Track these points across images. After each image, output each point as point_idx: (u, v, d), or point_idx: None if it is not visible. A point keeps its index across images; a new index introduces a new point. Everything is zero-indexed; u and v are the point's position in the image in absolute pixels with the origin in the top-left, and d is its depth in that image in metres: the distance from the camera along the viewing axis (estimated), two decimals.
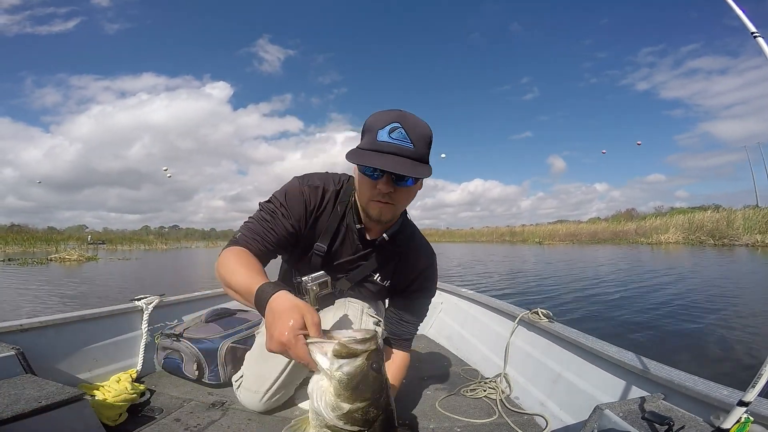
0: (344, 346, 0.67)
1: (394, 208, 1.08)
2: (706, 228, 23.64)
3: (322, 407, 0.67)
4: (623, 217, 40.37)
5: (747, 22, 0.83)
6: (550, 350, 1.65)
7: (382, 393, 0.70)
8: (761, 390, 0.73)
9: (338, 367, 0.66)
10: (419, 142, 0.98)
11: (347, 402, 0.66)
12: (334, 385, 0.66)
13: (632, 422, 0.92)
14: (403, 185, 1.02)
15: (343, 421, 0.67)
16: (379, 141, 0.96)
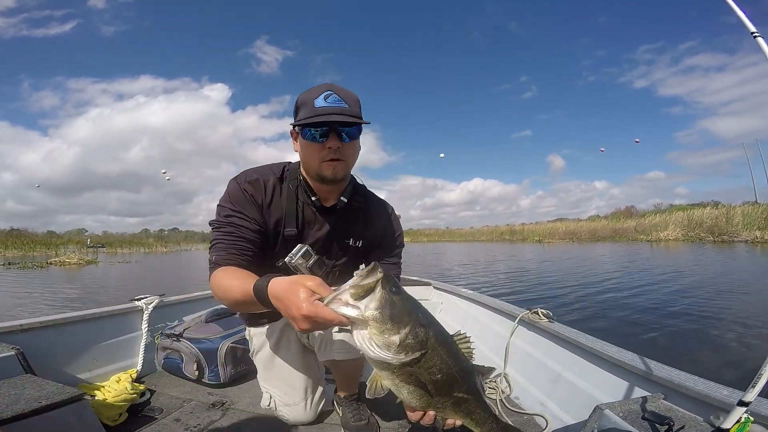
0: (357, 286, 0.67)
1: (345, 164, 1.15)
2: (706, 225, 23.63)
3: (378, 353, 0.67)
4: (623, 214, 40.36)
5: (747, 22, 0.83)
6: (550, 350, 1.65)
7: (417, 310, 0.70)
8: (761, 390, 0.73)
9: (365, 307, 0.66)
10: (351, 102, 1.12)
11: (393, 333, 0.66)
12: (373, 325, 0.66)
13: (632, 422, 0.92)
14: (348, 141, 1.12)
15: (402, 354, 0.67)
16: (317, 107, 1.08)
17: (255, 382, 1.80)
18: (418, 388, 0.74)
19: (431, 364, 0.71)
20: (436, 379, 0.73)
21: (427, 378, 0.73)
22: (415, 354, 0.68)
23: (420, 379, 0.72)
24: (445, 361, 0.73)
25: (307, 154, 1.15)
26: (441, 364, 0.73)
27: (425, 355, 0.70)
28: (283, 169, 1.26)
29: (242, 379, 1.83)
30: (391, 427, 1.44)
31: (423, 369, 0.71)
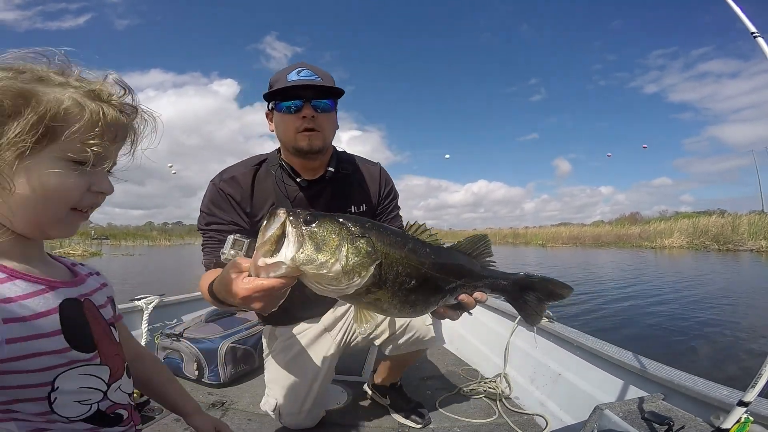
0: (264, 243, 0.58)
1: (321, 135, 1.13)
2: (711, 233, 23.39)
3: (335, 289, 0.60)
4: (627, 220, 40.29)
5: (747, 22, 0.83)
6: (550, 350, 1.65)
7: (345, 225, 0.61)
8: (761, 390, 0.73)
9: (286, 257, 0.57)
10: (324, 76, 1.14)
11: (332, 263, 0.58)
12: (308, 269, 0.57)
13: (632, 422, 0.92)
14: (323, 112, 1.12)
15: (357, 277, 0.59)
16: (290, 80, 1.10)
17: (255, 382, 1.80)
18: (404, 302, 0.67)
19: (396, 272, 0.64)
20: (414, 285, 0.66)
21: (404, 288, 0.65)
22: (370, 269, 0.60)
23: (399, 292, 0.65)
24: (409, 263, 0.65)
25: (283, 128, 1.15)
26: (407, 268, 0.65)
27: (381, 266, 0.62)
28: (261, 159, 1.25)
29: (242, 379, 1.83)
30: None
31: (391, 282, 0.64)
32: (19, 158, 0.45)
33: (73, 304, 0.56)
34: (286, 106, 1.11)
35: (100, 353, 0.59)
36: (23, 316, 0.48)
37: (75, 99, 0.48)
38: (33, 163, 0.46)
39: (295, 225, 0.58)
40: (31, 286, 0.51)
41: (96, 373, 0.58)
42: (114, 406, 0.62)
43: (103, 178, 0.55)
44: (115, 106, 0.52)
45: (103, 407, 0.59)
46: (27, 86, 0.46)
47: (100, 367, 0.58)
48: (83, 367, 0.55)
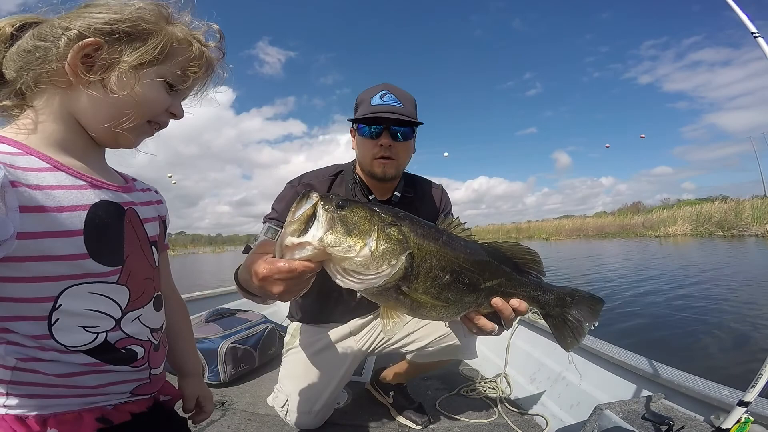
0: (293, 222, 0.55)
1: (396, 163, 1.17)
2: (715, 219, 23.17)
3: (360, 280, 0.56)
4: (630, 210, 40.18)
5: (747, 22, 0.83)
6: (550, 350, 1.65)
7: (377, 212, 0.59)
8: (761, 390, 0.73)
9: (314, 237, 0.54)
10: (407, 102, 1.16)
11: (359, 247, 0.55)
12: (333, 252, 0.54)
13: (632, 422, 0.92)
14: (400, 140, 1.15)
15: (386, 265, 0.56)
16: (373, 105, 1.14)
17: (255, 382, 1.80)
18: (437, 299, 0.63)
19: (429, 265, 0.60)
20: (447, 281, 0.62)
21: (437, 284, 0.62)
22: (400, 259, 0.57)
23: (432, 288, 0.62)
24: (443, 255, 0.62)
25: (361, 152, 1.20)
26: (441, 261, 0.61)
27: (413, 257, 0.59)
28: (338, 170, 1.30)
29: (242, 379, 1.83)
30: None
31: (423, 277, 0.60)
32: (135, 68, 0.53)
33: (111, 207, 0.54)
34: (367, 132, 1.15)
35: (124, 271, 0.54)
36: (44, 206, 0.45)
37: (185, 36, 0.58)
38: (143, 75, 0.54)
39: (326, 207, 0.56)
40: (72, 179, 0.50)
41: (110, 293, 0.53)
42: (127, 339, 0.55)
43: (179, 104, 0.62)
44: (211, 49, 0.62)
45: (112, 339, 0.53)
46: (159, 18, 0.56)
47: (117, 286, 0.53)
48: (95, 284, 0.51)
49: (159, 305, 0.64)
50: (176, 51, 0.57)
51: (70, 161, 0.52)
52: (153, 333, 0.61)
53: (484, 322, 0.71)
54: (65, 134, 0.53)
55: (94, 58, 0.51)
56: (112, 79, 0.52)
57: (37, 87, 0.52)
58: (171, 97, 0.59)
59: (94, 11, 0.53)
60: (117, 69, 0.52)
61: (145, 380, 0.61)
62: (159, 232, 0.65)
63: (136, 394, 0.60)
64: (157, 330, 0.62)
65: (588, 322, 0.77)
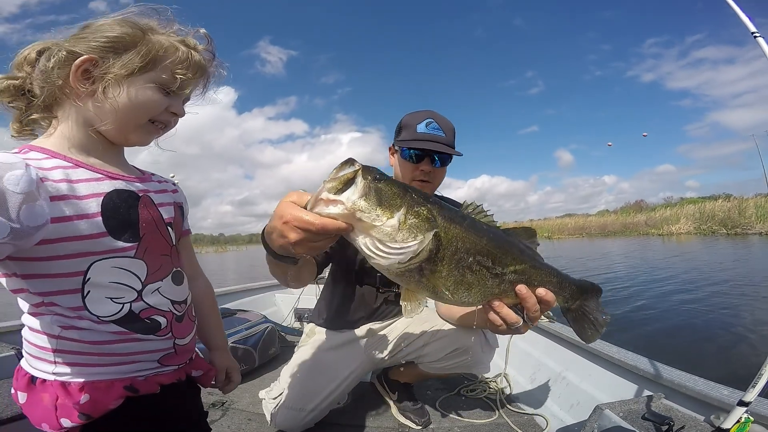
0: (334, 179, 0.57)
1: (431, 186, 1.27)
2: (718, 217, 23.03)
3: (385, 253, 0.57)
4: (632, 208, 40.06)
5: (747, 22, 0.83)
6: (550, 350, 1.65)
7: (410, 192, 0.60)
8: (761, 390, 0.73)
9: (347, 199, 0.56)
10: (448, 132, 1.26)
11: (388, 218, 0.56)
12: (362, 217, 0.56)
13: (632, 422, 0.92)
14: (439, 166, 1.25)
15: (412, 239, 0.57)
16: (418, 132, 1.23)
17: (255, 382, 1.80)
18: (460, 283, 0.63)
19: (454, 247, 0.61)
20: (471, 263, 0.63)
21: (461, 266, 0.62)
22: (427, 236, 0.58)
23: (456, 270, 0.62)
24: (469, 237, 0.62)
25: (401, 172, 1.28)
26: (466, 242, 0.62)
27: (440, 238, 0.60)
28: None
29: (242, 379, 1.82)
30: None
31: (449, 259, 0.61)
32: (125, 77, 0.61)
33: (126, 194, 0.63)
34: (409, 155, 1.23)
35: (140, 247, 0.62)
36: (68, 195, 0.55)
37: (172, 42, 0.65)
38: (134, 81, 0.62)
39: (365, 176, 0.57)
40: (90, 174, 0.60)
41: (129, 267, 0.61)
42: (150, 310, 0.63)
43: (179, 104, 0.69)
44: (199, 52, 0.69)
45: (136, 309, 0.62)
46: (143, 29, 0.64)
47: (135, 260, 0.62)
48: (116, 259, 0.59)
49: (179, 280, 0.70)
50: (163, 57, 0.64)
51: (90, 159, 0.63)
52: (174, 305, 0.68)
53: (507, 311, 0.69)
54: (83, 138, 0.63)
55: (93, 72, 0.60)
56: (109, 88, 0.61)
57: (57, 101, 0.62)
58: (169, 98, 0.66)
59: (88, 31, 0.62)
60: (111, 79, 0.61)
61: (170, 350, 0.67)
62: (174, 215, 0.73)
63: (163, 364, 0.67)
64: (179, 302, 0.69)
65: (603, 315, 0.77)
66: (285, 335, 2.45)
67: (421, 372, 1.45)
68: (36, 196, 0.49)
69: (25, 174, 0.49)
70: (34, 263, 0.55)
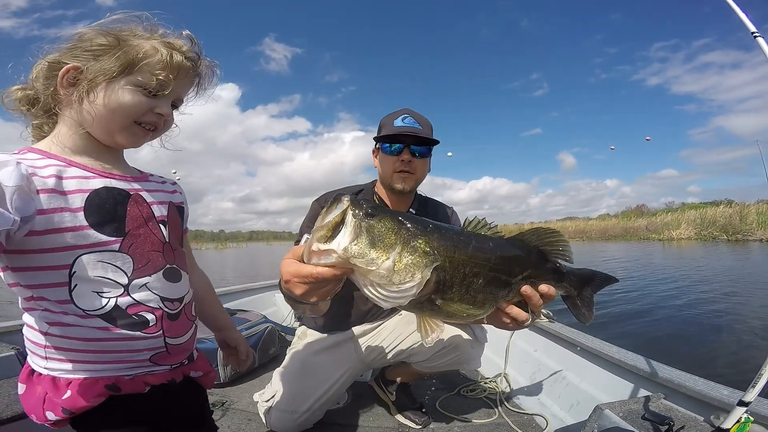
0: (321, 227, 0.55)
1: (414, 177, 1.31)
2: (719, 223, 23.07)
3: (386, 294, 0.55)
4: (633, 213, 40.02)
5: (747, 22, 0.83)
6: (550, 350, 1.65)
7: (405, 224, 0.58)
8: (761, 390, 0.73)
9: (339, 246, 0.54)
10: (425, 125, 1.33)
11: (383, 260, 0.54)
12: (358, 263, 0.54)
13: (632, 422, 0.92)
14: (418, 157, 1.30)
15: (410, 279, 0.55)
16: (395, 126, 1.29)
17: (255, 382, 1.80)
18: (472, 304, 0.63)
19: (462, 273, 0.60)
20: (481, 284, 0.62)
21: (472, 289, 0.62)
22: (425, 273, 0.56)
23: (467, 295, 0.62)
24: (476, 261, 0.61)
25: (383, 167, 1.33)
26: (474, 266, 0.61)
27: (444, 270, 0.58)
28: (359, 189, 1.41)
29: (242, 379, 1.83)
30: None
31: (458, 286, 0.60)
32: (107, 81, 0.63)
33: (116, 192, 0.65)
34: (389, 149, 1.30)
35: (125, 241, 0.63)
36: (54, 190, 0.58)
37: (153, 45, 0.66)
38: (115, 85, 0.63)
39: (355, 215, 0.55)
40: (82, 172, 0.63)
41: (114, 261, 0.62)
42: (137, 306, 0.63)
43: (164, 104, 0.68)
44: (181, 53, 0.68)
45: (122, 304, 0.62)
46: (121, 34, 0.65)
47: (119, 254, 0.62)
48: (101, 253, 0.60)
49: (173, 277, 0.70)
50: (142, 60, 0.65)
51: (83, 159, 0.65)
52: (165, 302, 0.67)
53: (517, 311, 0.71)
54: (78, 140, 0.65)
55: (79, 79, 0.63)
56: (92, 93, 0.63)
57: (54, 107, 0.66)
58: (154, 100, 0.67)
59: (73, 42, 0.65)
60: (92, 84, 0.63)
61: (161, 348, 0.66)
62: (168, 213, 0.73)
63: (156, 363, 0.66)
64: (171, 300, 0.68)
65: (596, 292, 0.81)
66: (285, 335, 2.45)
67: (416, 370, 1.46)
68: (26, 190, 0.53)
69: (15, 170, 0.52)
70: (24, 256, 0.57)
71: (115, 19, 0.68)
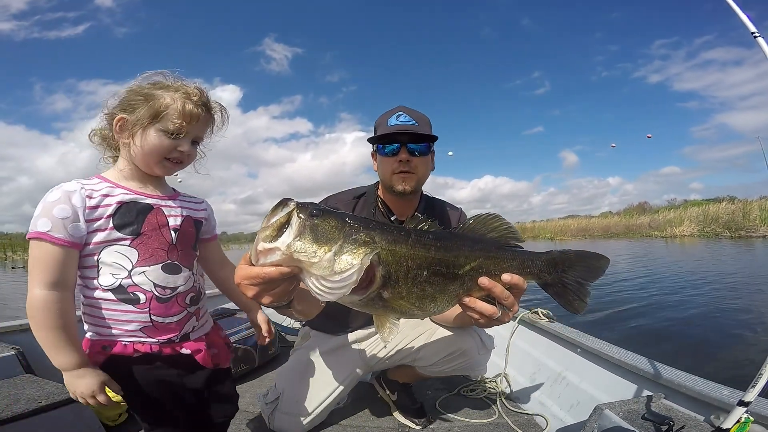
0: (267, 227, 0.57)
1: (415, 177, 1.23)
2: (722, 220, 22.97)
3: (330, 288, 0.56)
4: (635, 210, 39.88)
5: (747, 22, 0.83)
6: (550, 350, 1.65)
7: (350, 223, 0.60)
8: (761, 390, 0.73)
9: (283, 243, 0.56)
10: (421, 121, 1.26)
11: (325, 251, 0.56)
12: (301, 258, 0.56)
13: (632, 422, 0.92)
14: (418, 155, 1.22)
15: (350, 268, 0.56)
16: (390, 125, 1.23)
17: (255, 382, 1.80)
18: (423, 297, 0.64)
19: (405, 266, 0.62)
20: (426, 276, 0.64)
21: (418, 282, 0.63)
22: (365, 260, 0.57)
23: (414, 287, 0.63)
24: (417, 252, 0.63)
25: (382, 170, 1.27)
26: (416, 258, 0.63)
27: (387, 263, 0.60)
28: (361, 193, 1.36)
29: (242, 379, 1.83)
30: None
31: (403, 279, 0.62)
32: (142, 128, 0.86)
33: (140, 205, 0.88)
34: (385, 150, 1.23)
35: (138, 239, 0.85)
36: (99, 205, 0.83)
37: (171, 97, 0.88)
38: (148, 131, 0.87)
39: (300, 215, 0.57)
40: (123, 191, 0.87)
41: (125, 252, 0.84)
42: (134, 287, 0.85)
43: (185, 144, 0.90)
44: (194, 103, 0.90)
45: (125, 284, 0.84)
46: (149, 91, 0.88)
47: (129, 248, 0.85)
48: (118, 245, 0.84)
49: (172, 270, 0.89)
50: (165, 111, 0.87)
51: (130, 183, 0.90)
52: (157, 287, 0.87)
53: (481, 305, 0.69)
54: (129, 170, 0.91)
55: (127, 125, 0.87)
56: (134, 137, 0.87)
57: (116, 145, 0.91)
58: (176, 141, 0.89)
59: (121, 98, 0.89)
60: (134, 131, 0.87)
61: (147, 323, 0.86)
62: (182, 224, 0.93)
63: (147, 334, 0.86)
64: (163, 287, 0.87)
65: (587, 281, 0.76)
66: (285, 335, 2.45)
67: (419, 373, 1.45)
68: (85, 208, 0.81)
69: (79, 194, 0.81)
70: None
71: (145, 77, 0.91)
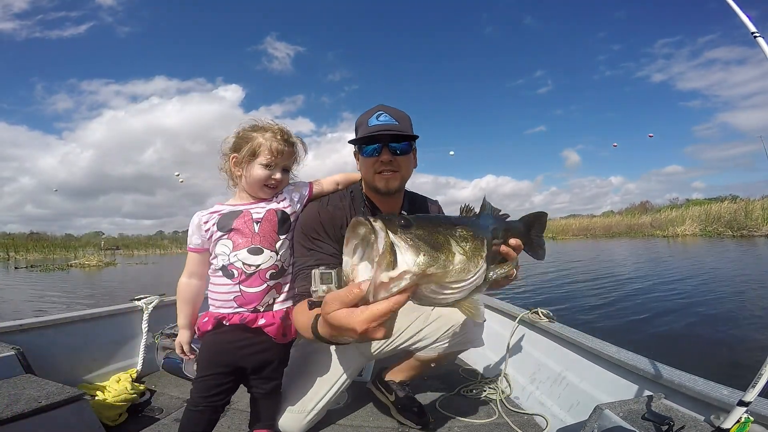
0: (382, 255, 0.50)
1: (398, 175, 1.24)
2: (724, 219, 22.87)
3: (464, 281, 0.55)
4: (638, 210, 39.75)
5: (747, 22, 0.83)
6: (550, 350, 1.65)
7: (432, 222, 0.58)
8: (761, 390, 0.73)
9: (410, 264, 0.51)
10: (401, 119, 1.26)
11: (450, 254, 0.54)
12: (434, 269, 0.52)
13: (632, 422, 0.92)
14: (400, 154, 1.22)
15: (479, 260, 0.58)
16: (370, 126, 1.22)
17: None
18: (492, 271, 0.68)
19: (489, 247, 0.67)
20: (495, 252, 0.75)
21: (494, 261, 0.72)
22: (485, 247, 0.61)
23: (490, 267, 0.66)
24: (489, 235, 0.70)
25: (364, 170, 1.27)
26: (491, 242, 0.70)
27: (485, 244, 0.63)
28: (352, 189, 1.37)
29: None
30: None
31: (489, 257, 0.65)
32: (246, 162, 1.23)
33: (235, 212, 1.22)
34: (367, 151, 1.23)
35: (231, 234, 1.19)
36: (208, 221, 1.22)
37: (264, 137, 1.23)
38: (251, 164, 1.23)
39: (394, 231, 0.52)
40: (229, 207, 1.25)
41: (225, 243, 1.19)
42: (231, 266, 1.17)
43: (277, 172, 1.25)
44: (277, 140, 1.24)
45: (226, 264, 1.17)
46: (248, 133, 1.25)
47: (226, 239, 1.19)
48: (222, 240, 1.20)
49: (255, 252, 1.18)
50: (259, 148, 1.22)
51: (239, 201, 1.27)
52: (245, 265, 1.17)
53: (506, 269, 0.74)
54: (244, 194, 1.28)
55: (239, 161, 1.23)
56: (243, 169, 1.24)
57: (236, 177, 1.27)
58: (270, 171, 1.23)
59: (232, 140, 1.27)
60: (242, 166, 1.23)
61: (237, 293, 1.16)
62: (264, 216, 1.23)
63: (238, 304, 1.16)
64: (248, 264, 1.17)
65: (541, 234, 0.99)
66: None
67: (414, 365, 1.45)
68: (201, 226, 1.22)
69: (197, 217, 1.23)
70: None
71: (243, 123, 1.28)
